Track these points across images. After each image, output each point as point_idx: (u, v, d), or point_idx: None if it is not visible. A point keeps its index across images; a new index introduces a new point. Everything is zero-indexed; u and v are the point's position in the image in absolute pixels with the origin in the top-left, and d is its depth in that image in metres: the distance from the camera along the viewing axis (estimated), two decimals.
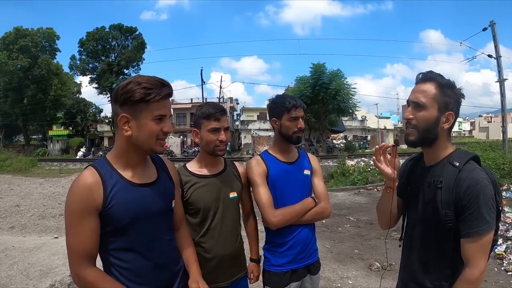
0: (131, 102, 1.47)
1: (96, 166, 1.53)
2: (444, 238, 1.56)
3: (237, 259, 2.22)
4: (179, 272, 1.72)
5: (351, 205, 10.27)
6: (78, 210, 1.43)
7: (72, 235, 1.45)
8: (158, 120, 1.51)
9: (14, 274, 4.98)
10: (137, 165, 1.60)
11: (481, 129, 72.15)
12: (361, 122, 47.67)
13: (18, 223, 8.87)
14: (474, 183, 1.48)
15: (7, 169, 24.01)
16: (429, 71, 1.64)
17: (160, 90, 1.48)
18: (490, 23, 19.80)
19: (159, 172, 1.70)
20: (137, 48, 44.70)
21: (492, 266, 5.05)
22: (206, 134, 2.10)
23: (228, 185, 2.18)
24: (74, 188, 1.47)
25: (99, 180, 1.48)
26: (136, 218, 1.51)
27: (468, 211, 1.48)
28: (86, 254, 1.45)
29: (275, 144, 2.39)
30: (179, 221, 1.86)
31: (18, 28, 41.39)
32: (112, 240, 1.51)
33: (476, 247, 1.46)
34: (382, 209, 1.84)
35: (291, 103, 2.24)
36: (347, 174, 15.76)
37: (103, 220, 1.47)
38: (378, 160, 1.70)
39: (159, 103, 1.49)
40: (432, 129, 1.60)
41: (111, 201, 1.47)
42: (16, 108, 42.85)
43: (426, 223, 1.64)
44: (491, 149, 15.75)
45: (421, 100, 1.58)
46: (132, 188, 1.54)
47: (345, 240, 6.75)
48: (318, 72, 29.50)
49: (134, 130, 1.50)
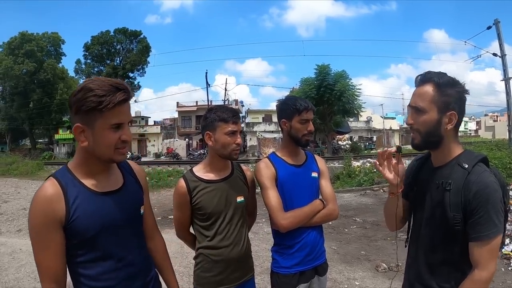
0: (84, 111, 1.35)
1: (57, 176, 1.45)
2: (452, 240, 1.55)
3: (245, 262, 2.22)
4: (150, 281, 1.66)
5: (357, 206, 10.24)
6: (40, 224, 1.36)
7: (38, 252, 1.39)
8: (115, 129, 1.40)
9: (21, 277, 5.01)
10: (100, 173, 1.50)
11: (487, 128, 71.63)
12: (367, 123, 47.50)
13: (25, 226, 8.80)
14: (483, 186, 1.46)
15: (14, 173, 24.17)
16: (427, 72, 1.62)
17: (114, 96, 1.36)
18: (494, 22, 19.72)
19: (125, 177, 1.61)
20: (142, 51, 45.00)
21: (500, 266, 5.01)
22: (224, 137, 2.09)
23: (235, 190, 2.18)
24: (35, 201, 1.38)
25: (59, 191, 1.39)
26: (102, 228, 1.43)
27: (477, 214, 1.46)
28: (54, 275, 1.39)
29: (283, 146, 2.38)
30: (151, 228, 1.78)
31: (23, 33, 41.73)
32: (80, 253, 1.43)
33: (486, 250, 1.45)
34: (388, 213, 1.84)
35: (302, 106, 2.22)
36: (353, 175, 15.64)
37: (68, 233, 1.39)
38: (380, 165, 1.69)
39: (114, 110, 1.37)
40: (434, 132, 1.57)
41: (74, 213, 1.38)
42: (22, 112, 43.15)
43: (433, 224, 1.62)
44: (497, 148, 15.67)
45: (419, 105, 1.57)
46: (95, 197, 1.45)
47: (351, 241, 6.73)
48: (323, 73, 29.44)
49: (90, 140, 1.40)
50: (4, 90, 44.37)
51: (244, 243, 2.18)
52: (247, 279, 2.22)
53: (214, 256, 2.08)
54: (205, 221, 2.11)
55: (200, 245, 2.12)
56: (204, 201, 2.08)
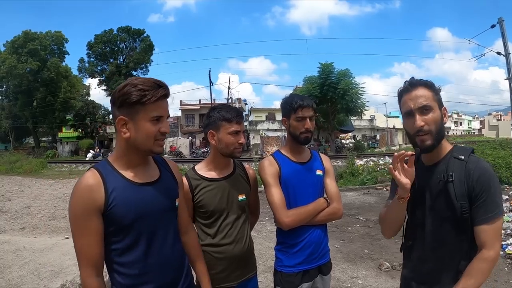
0: (128, 104, 1.48)
1: (98, 167, 1.55)
2: (460, 229, 1.59)
3: (247, 260, 2.22)
4: (183, 272, 1.71)
5: (360, 205, 10.22)
6: (81, 212, 1.45)
7: (78, 238, 1.47)
8: (155, 121, 1.52)
9: (25, 274, 5.03)
10: (138, 165, 1.60)
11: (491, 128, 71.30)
12: (370, 121, 47.37)
13: (29, 224, 8.94)
14: (484, 171, 1.57)
15: (18, 171, 24.27)
16: (411, 78, 1.71)
17: (156, 91, 1.49)
18: (498, 20, 19.63)
19: (161, 171, 1.70)
20: (145, 50, 45.10)
21: (503, 266, 5.01)
22: (227, 136, 2.10)
23: (237, 188, 2.19)
24: (76, 190, 1.48)
25: (100, 181, 1.49)
26: (138, 217, 1.51)
27: (481, 198, 1.54)
28: (93, 260, 1.47)
29: (287, 144, 2.39)
30: (185, 223, 1.86)
31: (26, 32, 41.88)
32: (115, 240, 1.52)
33: (492, 230, 1.53)
34: (392, 219, 1.81)
35: (297, 103, 2.21)
36: (356, 174, 15.61)
37: (105, 220, 1.48)
38: (395, 169, 1.65)
39: (155, 104, 1.50)
40: (442, 128, 1.65)
41: (112, 201, 1.48)
42: (26, 110, 43.36)
43: (438, 219, 1.65)
44: (501, 147, 15.60)
45: (426, 103, 1.62)
46: (133, 187, 1.55)
47: (354, 240, 6.72)
48: (326, 71, 29.43)
49: (132, 132, 1.52)
50: (8, 88, 44.60)
51: (246, 241, 2.19)
52: (250, 276, 2.22)
53: (217, 253, 2.09)
54: (207, 219, 2.12)
55: (202, 242, 2.11)
56: (206, 199, 2.08)
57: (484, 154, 13.32)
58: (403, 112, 1.71)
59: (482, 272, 1.53)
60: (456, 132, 77.53)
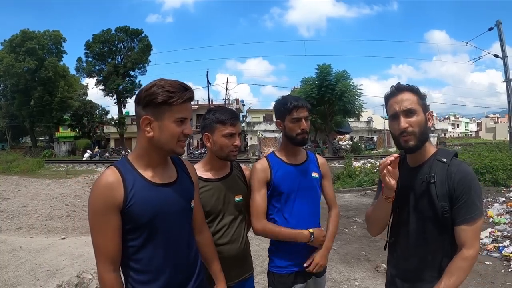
0: (154, 104, 1.52)
1: (117, 165, 1.58)
2: (442, 229, 1.66)
3: (243, 260, 2.23)
4: (195, 270, 1.74)
5: (357, 207, 10.24)
6: (100, 208, 1.49)
7: (97, 234, 1.51)
8: (179, 122, 1.56)
9: (21, 274, 5.02)
10: (158, 165, 1.64)
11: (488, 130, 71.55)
12: (367, 123, 47.47)
13: (26, 224, 8.91)
14: (465, 174, 1.65)
15: (14, 170, 24.18)
16: (398, 83, 1.79)
17: (183, 93, 1.54)
18: (496, 23, 19.69)
19: (178, 172, 1.73)
20: (143, 50, 44.92)
21: (500, 268, 5.04)
22: (221, 139, 2.11)
23: (233, 189, 2.20)
24: (96, 187, 1.52)
25: (119, 178, 1.52)
26: (155, 216, 1.55)
27: (461, 200, 1.62)
28: (110, 256, 1.51)
29: (282, 146, 2.38)
30: (200, 223, 1.89)
31: (24, 31, 41.65)
32: (132, 237, 1.55)
33: (471, 230, 1.60)
34: (378, 218, 1.88)
35: (292, 104, 2.21)
36: (353, 176, 15.66)
37: (123, 218, 1.52)
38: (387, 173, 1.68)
39: (181, 106, 1.54)
40: (425, 131, 1.72)
41: (131, 199, 1.51)
42: (23, 110, 43.14)
43: (421, 218, 1.72)
44: (498, 149, 15.72)
45: (411, 107, 1.70)
46: (151, 187, 1.58)
47: (351, 241, 6.73)
48: (324, 73, 29.41)
49: (156, 132, 1.55)
50: (5, 87, 44.33)
51: (242, 241, 2.19)
52: (246, 277, 2.23)
53: None
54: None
55: None
56: (202, 199, 2.07)
57: (481, 156, 13.39)
58: (389, 115, 1.79)
59: (463, 270, 1.60)
60: (453, 134, 77.75)
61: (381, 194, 1.78)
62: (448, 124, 73.64)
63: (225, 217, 2.14)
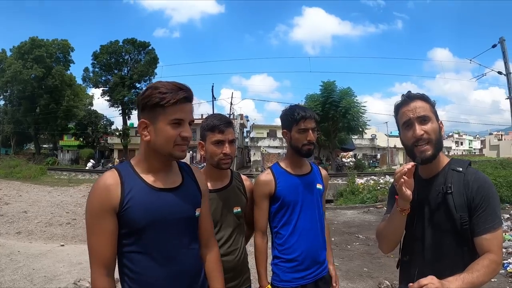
0: (149, 107, 1.48)
1: (118, 168, 1.55)
2: (460, 241, 1.57)
3: (240, 272, 2.17)
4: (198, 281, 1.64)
5: (360, 223, 10.15)
6: (96, 210, 1.44)
7: (91, 236, 1.46)
8: (175, 125, 1.49)
9: (17, 279, 4.96)
10: (160, 170, 1.57)
11: (492, 147, 71.09)
12: (371, 140, 47.46)
13: (25, 229, 8.88)
14: (483, 182, 1.57)
15: (17, 176, 24.30)
16: (408, 92, 1.74)
17: (176, 93, 1.47)
18: (499, 40, 19.70)
19: (184, 178, 1.65)
20: (149, 62, 45.39)
21: (505, 285, 4.98)
22: (211, 146, 2.06)
23: (232, 200, 2.14)
24: (94, 189, 1.48)
25: (118, 181, 1.48)
26: (152, 221, 1.47)
27: (481, 209, 1.53)
28: (103, 259, 1.45)
29: (287, 156, 2.34)
30: (207, 237, 1.77)
31: (33, 39, 42.32)
32: (127, 242, 1.48)
33: (495, 239, 1.51)
34: (391, 232, 1.78)
35: (300, 114, 2.16)
36: (356, 193, 15.59)
37: (119, 222, 1.46)
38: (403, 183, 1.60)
39: (175, 107, 1.47)
40: (440, 138, 1.66)
41: (127, 202, 1.45)
42: (29, 116, 43.51)
43: (438, 232, 1.63)
44: (502, 167, 15.63)
45: (425, 113, 1.64)
46: (151, 191, 1.51)
47: (354, 258, 6.64)
48: (328, 90, 29.55)
49: (152, 135, 1.50)
50: (12, 93, 44.79)
51: (239, 253, 2.14)
52: None
53: None
54: None
55: None
56: None
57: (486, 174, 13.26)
58: (402, 123, 1.70)
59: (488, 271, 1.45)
60: (457, 152, 77.48)
61: (395, 206, 1.68)
62: (452, 141, 73.50)
63: (222, 228, 2.08)
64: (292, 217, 2.20)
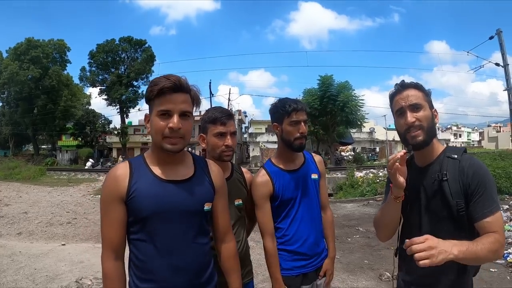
0: (147, 101, 1.56)
1: (131, 160, 1.62)
2: (457, 228, 1.58)
3: (242, 264, 2.16)
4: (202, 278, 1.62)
5: (360, 216, 10.18)
6: (106, 197, 1.53)
7: (102, 221, 1.55)
8: (163, 116, 1.49)
9: (20, 279, 4.98)
10: (168, 163, 1.60)
11: (490, 139, 71.26)
12: (369, 134, 47.50)
13: (26, 230, 8.89)
14: (478, 168, 1.58)
15: (16, 177, 24.28)
16: (402, 81, 1.76)
17: (162, 84, 1.48)
18: (496, 32, 19.63)
19: (196, 172, 1.65)
20: (146, 60, 45.21)
21: (505, 275, 5.00)
22: (212, 139, 2.07)
23: (233, 192, 2.12)
24: (106, 178, 1.58)
25: (127, 171, 1.54)
26: (156, 212, 1.50)
27: (478, 194, 1.54)
28: (112, 243, 1.52)
29: (278, 151, 2.32)
30: (223, 232, 1.76)
31: (29, 39, 42.05)
32: (133, 230, 1.55)
33: (495, 221, 1.51)
34: (387, 220, 1.80)
35: (291, 106, 2.14)
36: (356, 186, 15.65)
37: (127, 210, 1.53)
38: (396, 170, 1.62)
39: (162, 98, 1.49)
40: (433, 126, 1.68)
41: (133, 192, 1.50)
42: (26, 117, 43.35)
43: (435, 219, 1.65)
44: (500, 158, 15.70)
45: (417, 101, 1.66)
46: (157, 182, 1.55)
47: (354, 250, 6.67)
48: (326, 84, 29.54)
49: (150, 128, 1.57)
50: (9, 95, 44.57)
51: (241, 246, 2.14)
52: (245, 282, 2.17)
53: None
54: None
55: None
56: None
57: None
58: (395, 111, 1.74)
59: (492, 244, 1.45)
60: (456, 144, 77.10)
61: (389, 194, 1.70)
62: (450, 134, 73.37)
63: None
64: (291, 211, 2.22)
